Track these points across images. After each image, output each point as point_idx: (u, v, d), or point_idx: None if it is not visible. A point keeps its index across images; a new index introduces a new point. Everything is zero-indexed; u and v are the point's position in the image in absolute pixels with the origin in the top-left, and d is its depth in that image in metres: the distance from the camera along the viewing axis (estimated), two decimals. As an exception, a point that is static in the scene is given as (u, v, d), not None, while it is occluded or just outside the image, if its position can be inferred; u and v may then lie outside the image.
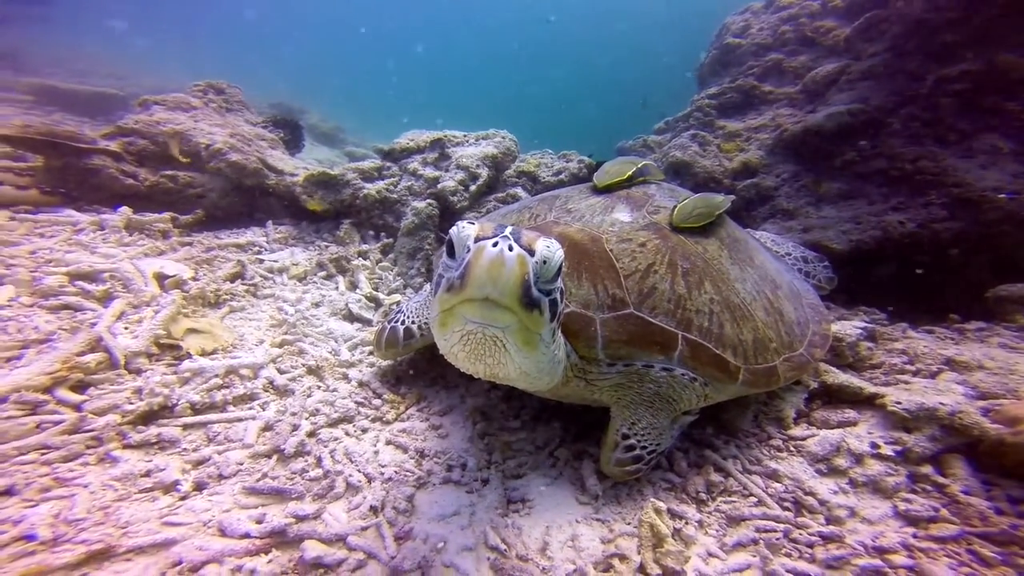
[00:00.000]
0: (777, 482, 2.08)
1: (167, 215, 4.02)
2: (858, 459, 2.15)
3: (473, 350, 1.41)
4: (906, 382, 2.58)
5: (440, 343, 1.49)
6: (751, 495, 2.02)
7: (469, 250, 1.27)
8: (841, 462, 2.13)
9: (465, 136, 4.39)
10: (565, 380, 1.99)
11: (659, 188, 2.72)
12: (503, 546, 1.73)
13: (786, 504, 1.98)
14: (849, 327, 2.91)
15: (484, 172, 3.96)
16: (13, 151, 4.31)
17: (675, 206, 2.41)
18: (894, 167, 4.14)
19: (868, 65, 4.90)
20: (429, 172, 4.07)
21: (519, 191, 4.15)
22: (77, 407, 1.96)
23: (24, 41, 14.59)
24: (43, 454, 1.75)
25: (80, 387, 2.08)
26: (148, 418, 1.99)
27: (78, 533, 1.48)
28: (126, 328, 2.42)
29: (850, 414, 2.40)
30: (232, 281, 3.30)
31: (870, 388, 2.47)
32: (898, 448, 2.15)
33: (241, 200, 4.47)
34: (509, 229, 1.32)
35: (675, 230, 2.32)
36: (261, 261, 3.70)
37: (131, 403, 2.00)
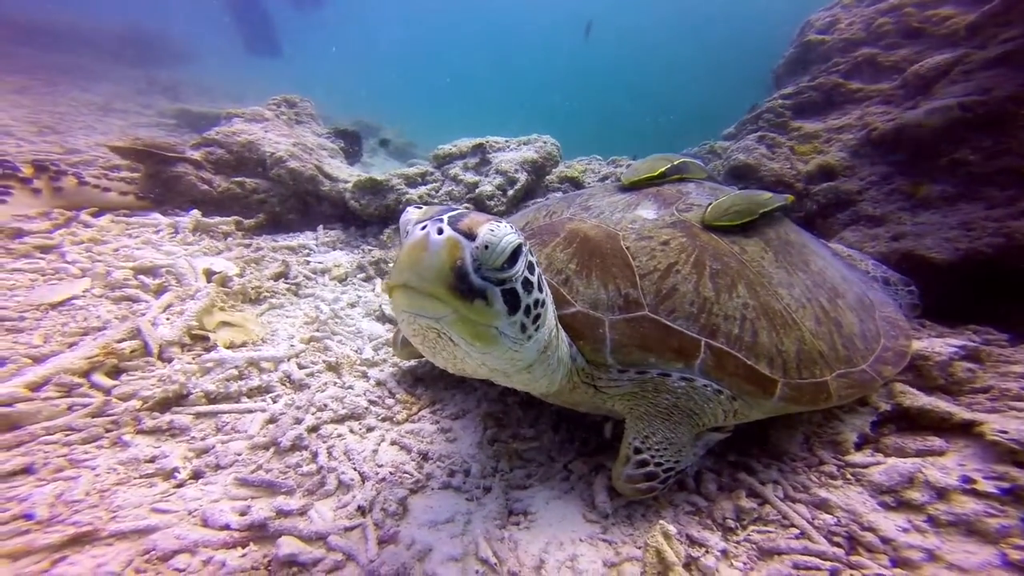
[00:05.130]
0: (827, 513, 1.77)
1: (232, 219, 4.33)
2: (940, 494, 1.76)
3: (423, 342, 1.34)
4: (1022, 410, 2.14)
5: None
6: (792, 526, 1.73)
7: (408, 235, 1.20)
8: (915, 496, 1.77)
9: (507, 141, 4.35)
10: (572, 386, 1.84)
11: (698, 186, 2.48)
12: (494, 560, 1.60)
13: (837, 540, 1.67)
14: (940, 344, 2.47)
15: (522, 177, 3.88)
16: (131, 163, 4.89)
17: (710, 203, 2.18)
18: (1028, 165, 3.50)
19: (998, 52, 4.21)
20: (469, 177, 4.06)
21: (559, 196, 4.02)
22: (108, 391, 2.09)
23: (183, 74, 17.33)
24: (67, 435, 1.86)
25: (116, 373, 2.23)
26: (166, 405, 2.08)
27: (72, 515, 1.54)
28: (167, 319, 2.58)
29: (935, 442, 2.00)
30: (276, 280, 3.45)
31: (963, 414, 2.05)
32: (1004, 485, 1.74)
33: (299, 205, 4.73)
34: (452, 212, 1.21)
35: (708, 229, 2.09)
36: (308, 263, 3.86)
37: (151, 390, 2.10)
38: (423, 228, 1.16)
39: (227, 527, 1.56)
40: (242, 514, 1.62)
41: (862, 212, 4.30)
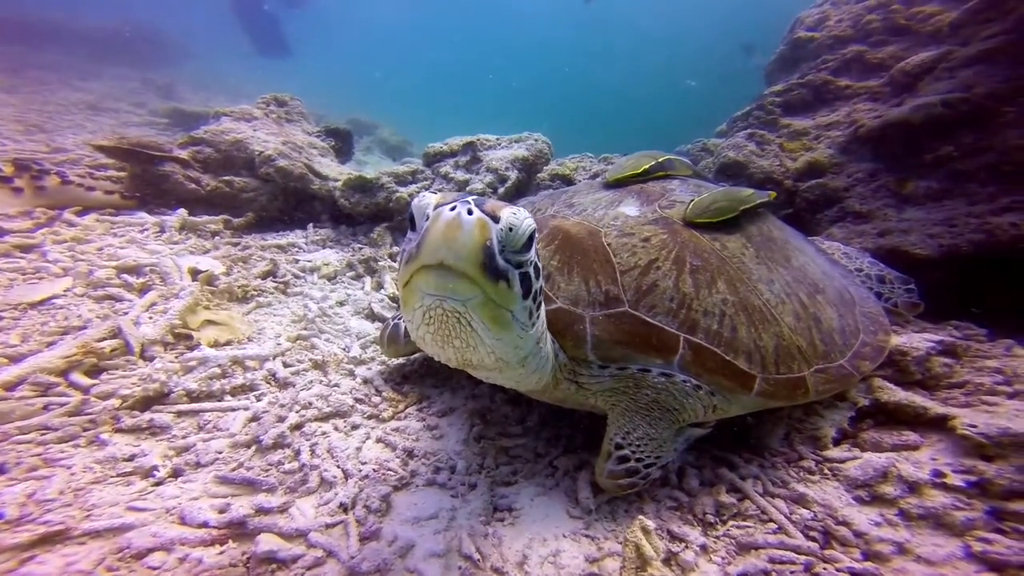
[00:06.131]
0: (804, 508, 1.79)
1: (220, 217, 4.30)
2: (912, 488, 1.80)
3: (438, 330, 1.30)
4: (992, 404, 2.17)
5: (409, 328, 1.41)
6: (770, 520, 1.75)
7: (428, 218, 1.19)
8: (888, 490, 1.80)
9: (498, 139, 4.35)
10: (555, 382, 1.85)
11: (683, 183, 2.49)
12: (477, 556, 1.61)
13: (812, 534, 1.69)
14: (918, 339, 2.50)
15: (513, 174, 3.89)
16: (117, 162, 4.84)
17: (691, 200, 2.19)
18: (1007, 162, 3.54)
19: (979, 49, 4.25)
20: (460, 175, 4.07)
21: (550, 193, 4.04)
22: (86, 390, 2.07)
23: (180, 73, 17.37)
24: (42, 434, 1.84)
25: (96, 372, 2.21)
26: (146, 404, 2.07)
27: (43, 514, 1.52)
28: (150, 318, 2.56)
29: (911, 437, 2.04)
30: (264, 278, 3.44)
31: (937, 408, 2.08)
32: (971, 479, 1.78)
33: (288, 204, 4.71)
34: (474, 196, 1.23)
35: (690, 225, 2.11)
36: (297, 261, 3.84)
37: (131, 388, 2.08)
38: (453, 209, 1.16)
39: (205, 525, 1.56)
40: (221, 512, 1.61)
41: (849, 209, 4.35)
